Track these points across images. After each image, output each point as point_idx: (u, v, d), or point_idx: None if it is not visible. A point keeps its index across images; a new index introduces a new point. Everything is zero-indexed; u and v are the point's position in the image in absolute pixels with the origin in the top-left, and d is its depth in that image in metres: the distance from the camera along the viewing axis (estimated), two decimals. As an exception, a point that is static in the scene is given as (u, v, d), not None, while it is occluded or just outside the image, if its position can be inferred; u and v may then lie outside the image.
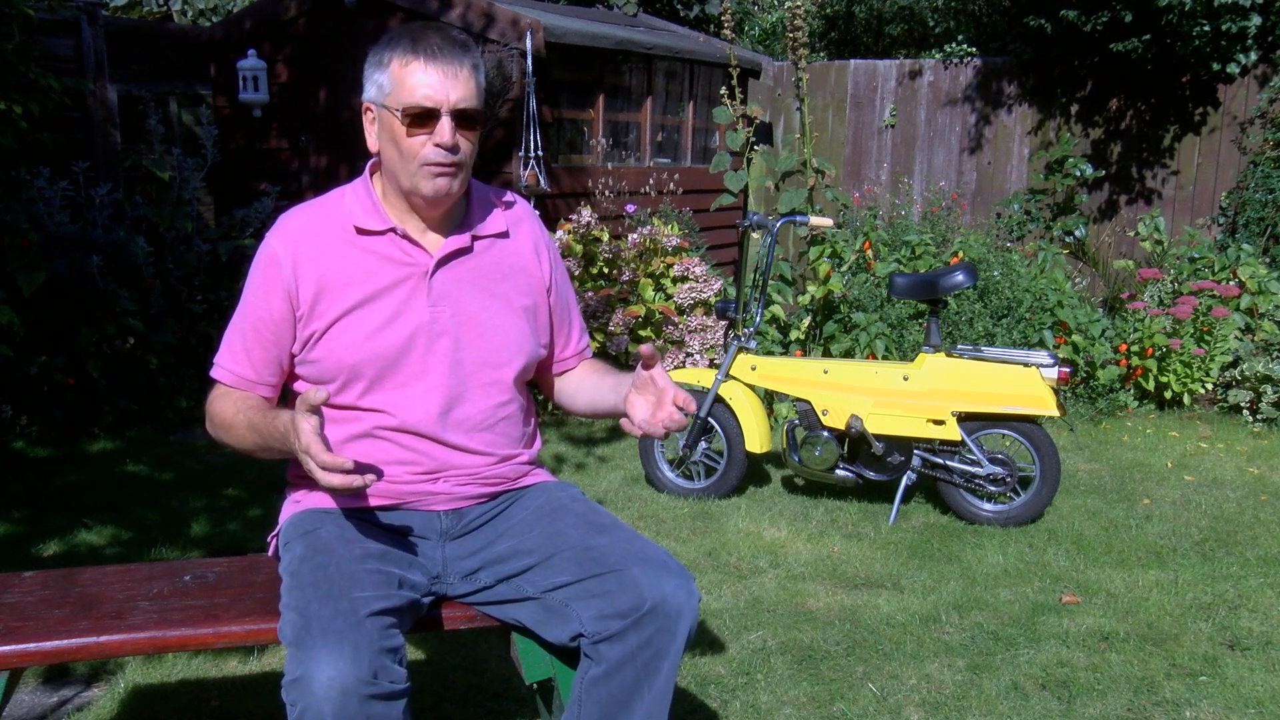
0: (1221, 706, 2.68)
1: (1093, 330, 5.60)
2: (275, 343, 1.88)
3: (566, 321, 2.10)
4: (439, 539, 1.93)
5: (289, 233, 1.88)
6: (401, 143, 1.79)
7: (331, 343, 1.85)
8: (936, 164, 8.09)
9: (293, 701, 1.56)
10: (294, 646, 1.59)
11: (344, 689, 1.53)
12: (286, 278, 1.85)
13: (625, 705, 1.75)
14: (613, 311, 5.43)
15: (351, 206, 1.89)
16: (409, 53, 1.79)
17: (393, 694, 1.59)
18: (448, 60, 1.80)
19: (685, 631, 1.75)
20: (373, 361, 1.85)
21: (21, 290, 4.74)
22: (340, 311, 1.85)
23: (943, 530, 3.99)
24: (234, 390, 1.89)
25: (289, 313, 1.86)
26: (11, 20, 4.83)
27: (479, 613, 1.92)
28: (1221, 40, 6.68)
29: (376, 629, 1.61)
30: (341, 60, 6.46)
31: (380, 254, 1.87)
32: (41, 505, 4.09)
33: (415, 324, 1.86)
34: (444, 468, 1.91)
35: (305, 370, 1.90)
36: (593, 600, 1.76)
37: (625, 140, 7.24)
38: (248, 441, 1.83)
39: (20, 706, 2.61)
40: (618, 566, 1.76)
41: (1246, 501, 4.34)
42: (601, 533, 1.84)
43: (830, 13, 10.95)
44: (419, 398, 1.87)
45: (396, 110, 1.78)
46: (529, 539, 1.88)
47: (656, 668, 1.75)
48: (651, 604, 1.72)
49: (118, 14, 9.80)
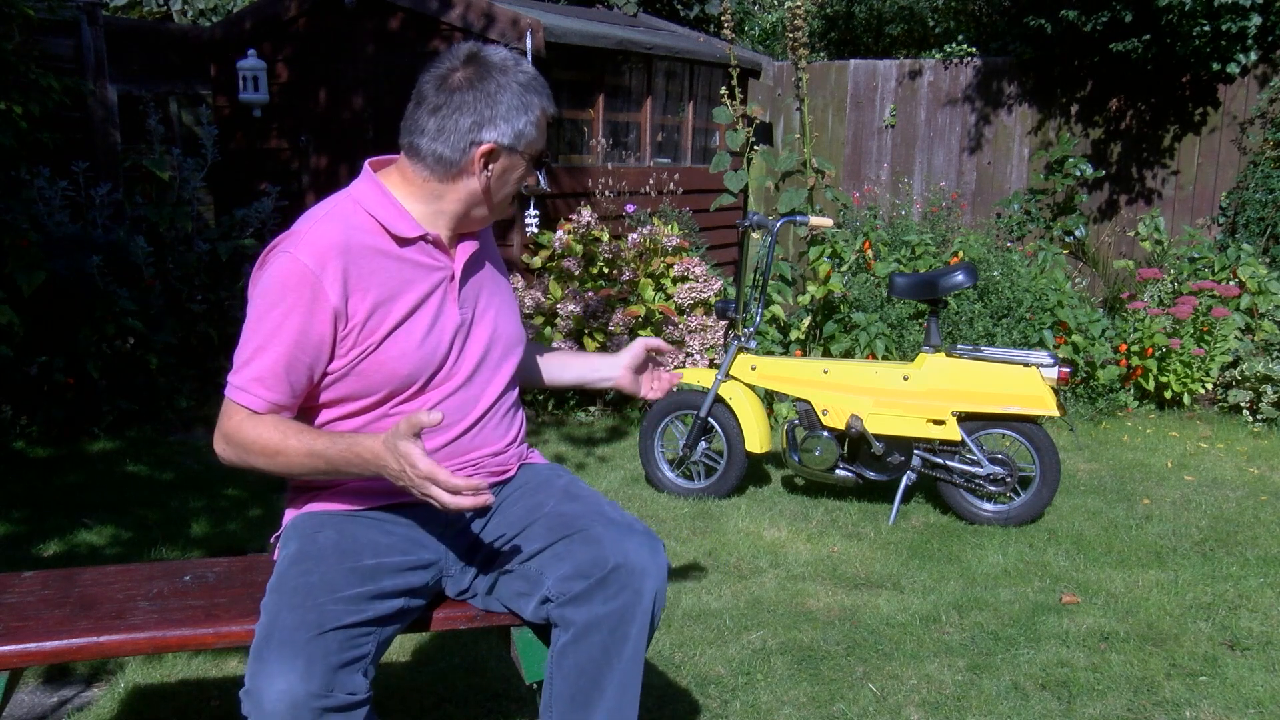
0: (1221, 706, 2.68)
1: (1093, 330, 5.60)
2: (314, 364, 1.79)
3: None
4: (442, 530, 1.95)
5: (322, 249, 1.75)
6: (510, 185, 1.89)
7: (383, 356, 1.81)
8: (936, 164, 8.09)
9: (246, 713, 1.58)
10: (252, 657, 1.61)
11: (294, 703, 1.54)
12: (333, 297, 1.74)
13: (595, 680, 1.75)
14: (613, 311, 5.43)
15: (378, 214, 1.84)
16: (546, 103, 1.87)
17: (349, 705, 1.59)
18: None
19: (651, 592, 1.76)
20: (424, 369, 1.84)
21: (21, 290, 4.74)
22: (393, 324, 1.81)
23: (943, 530, 3.99)
24: (264, 415, 1.77)
25: (333, 333, 1.77)
26: (11, 20, 4.83)
27: (479, 612, 1.92)
28: (1221, 40, 6.68)
29: (337, 641, 1.61)
30: (341, 60, 6.46)
31: (415, 261, 1.85)
32: (41, 505, 4.09)
33: (452, 327, 1.89)
34: (467, 463, 1.93)
35: (347, 385, 1.82)
36: (558, 562, 1.79)
37: (625, 140, 7.23)
38: (304, 467, 1.75)
39: (20, 706, 2.61)
40: (581, 527, 1.79)
41: (1246, 501, 4.34)
42: (574, 500, 1.88)
43: (830, 13, 10.95)
44: (456, 395, 1.90)
45: (527, 154, 1.87)
46: (511, 513, 1.93)
47: (624, 634, 1.75)
48: (614, 562, 1.74)
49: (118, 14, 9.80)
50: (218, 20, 8.93)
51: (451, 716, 2.61)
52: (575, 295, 5.48)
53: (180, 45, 7.45)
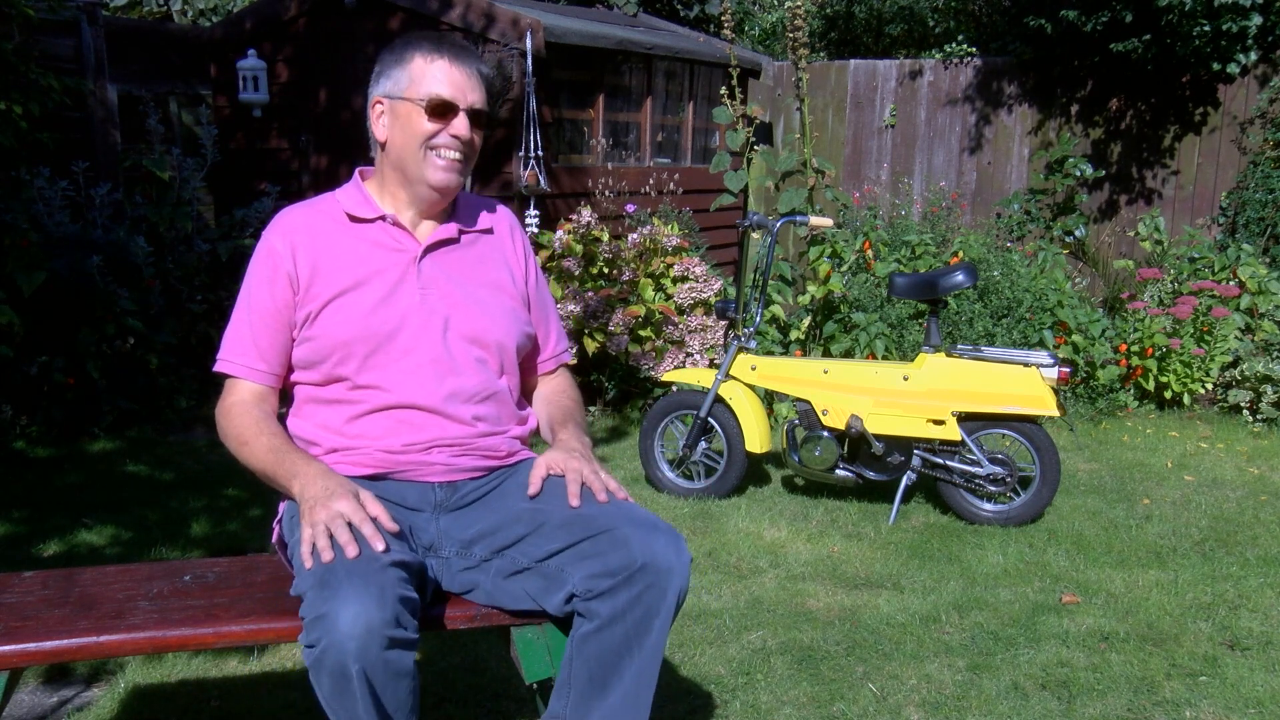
0: (1221, 706, 2.68)
1: (1093, 330, 5.60)
2: (281, 329, 1.95)
3: (544, 323, 2.18)
4: (434, 511, 1.96)
5: (284, 226, 1.98)
6: (417, 131, 1.91)
7: (326, 322, 1.93)
8: (936, 164, 8.09)
9: (314, 640, 1.57)
10: (317, 588, 1.60)
11: (369, 627, 1.55)
12: (286, 264, 1.94)
13: (614, 666, 1.78)
14: (613, 311, 5.43)
15: (343, 200, 2.01)
16: (434, 51, 1.92)
17: (409, 643, 1.62)
18: (467, 62, 1.93)
19: (676, 590, 1.78)
20: (365, 339, 1.92)
21: (21, 290, 4.74)
22: (334, 293, 1.93)
23: (943, 530, 3.99)
24: (252, 408, 1.94)
25: (291, 298, 1.94)
26: (11, 20, 4.84)
27: (479, 612, 1.92)
28: (1221, 40, 6.68)
29: (397, 577, 1.64)
30: (341, 60, 6.46)
31: (371, 240, 1.98)
32: (41, 505, 4.09)
33: (406, 306, 1.95)
34: (439, 439, 1.95)
35: (301, 351, 1.95)
36: (585, 561, 1.80)
37: (625, 140, 7.23)
38: (262, 462, 1.89)
39: (20, 706, 2.61)
40: (608, 527, 1.80)
41: (1246, 501, 4.34)
42: (589, 499, 1.89)
43: (830, 13, 10.95)
44: (412, 373, 1.94)
45: (420, 101, 1.90)
46: (519, 509, 1.93)
47: (647, 626, 1.77)
48: (643, 561, 1.76)
49: (118, 14, 9.80)
50: (218, 20, 8.94)
51: (451, 716, 2.61)
52: (575, 295, 5.48)
53: (180, 45, 7.45)
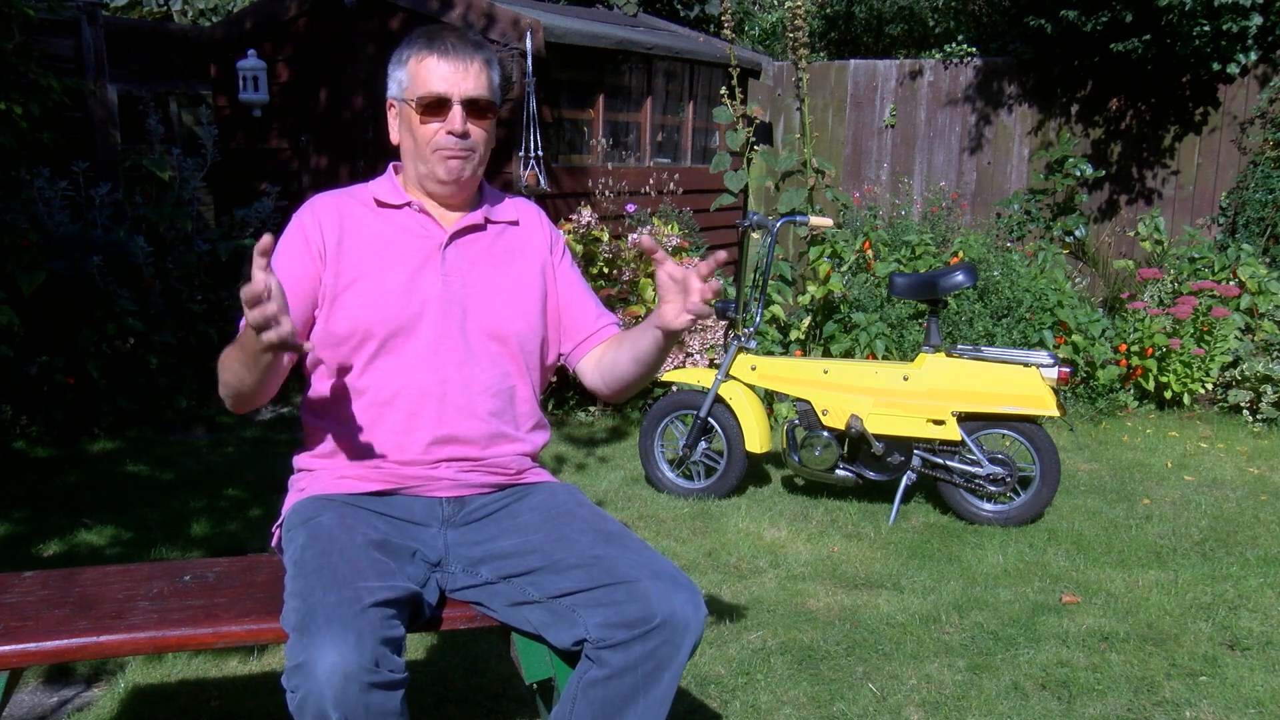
0: (1221, 706, 2.68)
1: (1093, 330, 5.60)
2: (299, 297, 1.91)
3: (586, 301, 2.15)
4: (441, 526, 1.95)
5: (315, 206, 2.01)
6: (416, 131, 1.94)
7: (347, 302, 1.94)
8: (936, 164, 8.09)
9: (294, 688, 1.57)
10: (297, 632, 1.61)
11: (346, 675, 1.54)
12: (315, 238, 1.96)
13: (620, 711, 1.76)
14: (612, 312, 5.43)
15: (373, 188, 2.05)
16: (424, 49, 1.94)
17: (392, 683, 1.60)
18: (459, 55, 1.93)
19: (689, 645, 1.77)
20: (385, 322, 1.93)
21: (21, 290, 4.74)
22: (357, 274, 1.95)
23: (943, 530, 3.99)
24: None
25: (315, 270, 1.94)
26: (11, 20, 4.83)
27: (479, 612, 1.92)
28: (1221, 40, 6.68)
29: (379, 618, 1.63)
30: (341, 60, 6.46)
31: (398, 225, 2.00)
32: (41, 505, 4.09)
33: (428, 293, 1.96)
34: (448, 438, 1.95)
35: (325, 326, 1.95)
36: (600, 609, 1.77)
37: (625, 140, 7.23)
38: (233, 361, 1.79)
39: (20, 706, 2.61)
40: (628, 578, 1.77)
41: (1246, 501, 4.34)
42: (610, 542, 1.86)
43: (830, 13, 10.95)
44: (427, 360, 1.94)
45: (412, 101, 1.93)
46: (534, 540, 1.89)
47: (657, 678, 1.76)
48: (661, 618, 1.74)
49: (118, 14, 9.80)
50: (218, 20, 8.94)
51: (451, 716, 2.61)
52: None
53: (180, 45, 7.45)
